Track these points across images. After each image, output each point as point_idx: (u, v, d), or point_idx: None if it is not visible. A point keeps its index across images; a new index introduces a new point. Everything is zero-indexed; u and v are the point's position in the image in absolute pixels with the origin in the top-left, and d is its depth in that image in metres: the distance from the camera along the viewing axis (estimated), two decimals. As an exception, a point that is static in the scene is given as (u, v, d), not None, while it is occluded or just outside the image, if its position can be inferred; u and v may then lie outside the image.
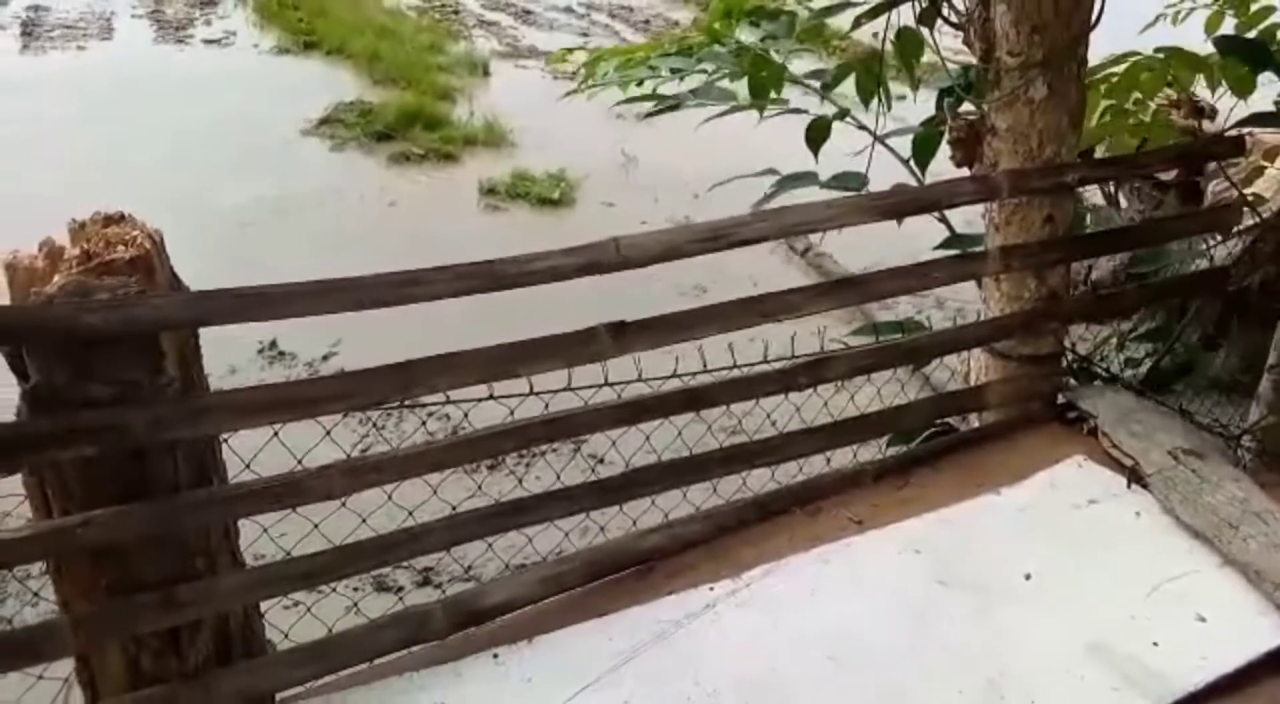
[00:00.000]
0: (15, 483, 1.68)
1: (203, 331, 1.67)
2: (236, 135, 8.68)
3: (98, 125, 8.71)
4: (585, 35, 12.40)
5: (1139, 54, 3.04)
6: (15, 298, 1.63)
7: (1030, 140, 2.39)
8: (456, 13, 13.88)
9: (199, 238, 6.36)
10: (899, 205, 2.23)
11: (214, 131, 8.68)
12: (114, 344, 1.55)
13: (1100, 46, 2.65)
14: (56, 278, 1.58)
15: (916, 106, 3.11)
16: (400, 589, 3.47)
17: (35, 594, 2.00)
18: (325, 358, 4.82)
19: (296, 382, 1.70)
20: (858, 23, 2.74)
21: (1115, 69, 3.06)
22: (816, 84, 3.05)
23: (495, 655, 1.85)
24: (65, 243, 1.69)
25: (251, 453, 1.98)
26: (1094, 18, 2.36)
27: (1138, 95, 3.11)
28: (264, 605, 1.91)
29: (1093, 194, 4.05)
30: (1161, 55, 2.97)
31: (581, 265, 1.87)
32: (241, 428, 1.67)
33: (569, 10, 14.48)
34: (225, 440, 1.78)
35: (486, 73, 11.39)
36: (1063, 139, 2.39)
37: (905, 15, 2.65)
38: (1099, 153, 3.10)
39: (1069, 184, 2.41)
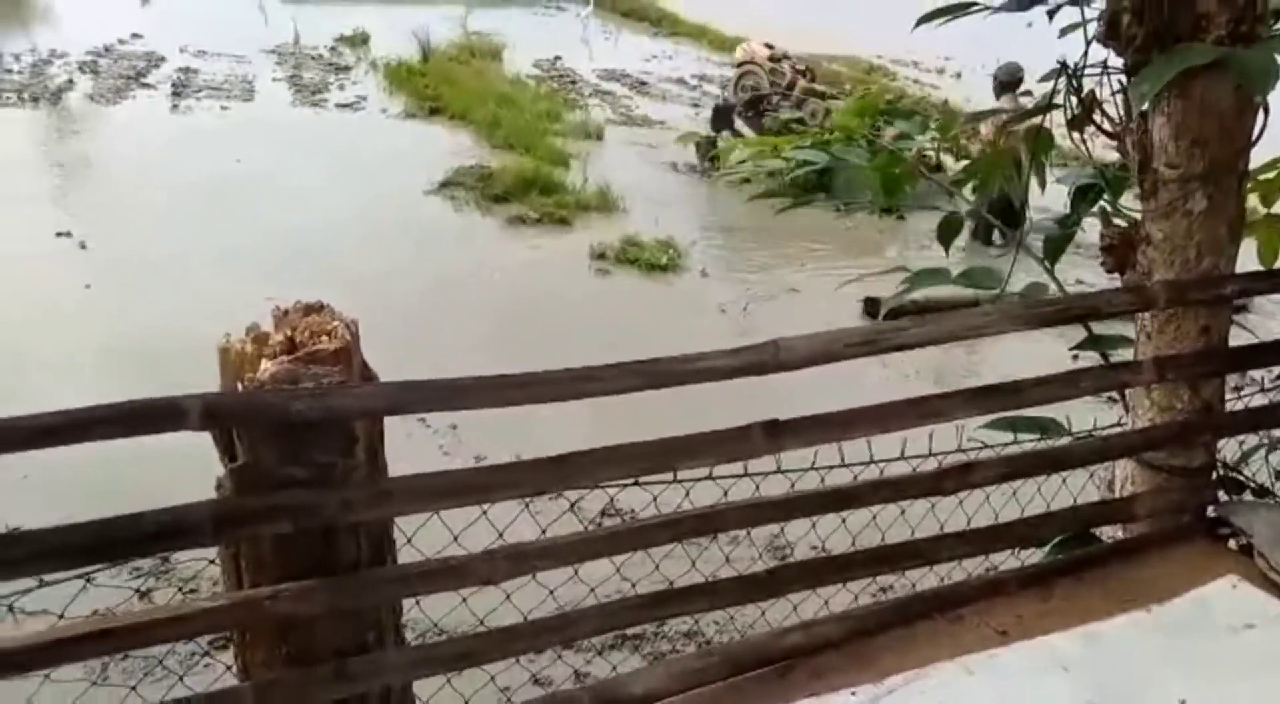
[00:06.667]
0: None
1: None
2: (364, 196, 9.13)
3: (242, 180, 9.26)
4: (696, 106, 12.69)
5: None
6: (225, 380, 1.77)
7: (1187, 251, 2.36)
8: (574, 83, 14.40)
9: (323, 295, 6.71)
10: (1056, 314, 2.23)
11: (343, 191, 9.15)
12: (314, 429, 1.66)
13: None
14: (265, 364, 1.71)
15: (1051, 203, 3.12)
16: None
17: (207, 654, 2.12)
18: (453, 428, 5.06)
19: (471, 469, 1.78)
20: (1003, 128, 2.77)
21: (1268, 175, 3.01)
22: (946, 182, 3.09)
23: (639, 746, 1.88)
24: (270, 328, 1.83)
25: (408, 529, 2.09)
26: (1258, 132, 2.34)
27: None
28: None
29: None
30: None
31: (742, 366, 1.93)
32: (420, 512, 1.76)
33: (681, 82, 14.86)
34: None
35: (600, 139, 11.74)
36: (1222, 250, 2.36)
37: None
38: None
39: (1227, 296, 2.38)
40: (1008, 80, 9.02)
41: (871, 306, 7.07)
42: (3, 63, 13.07)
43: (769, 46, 11.79)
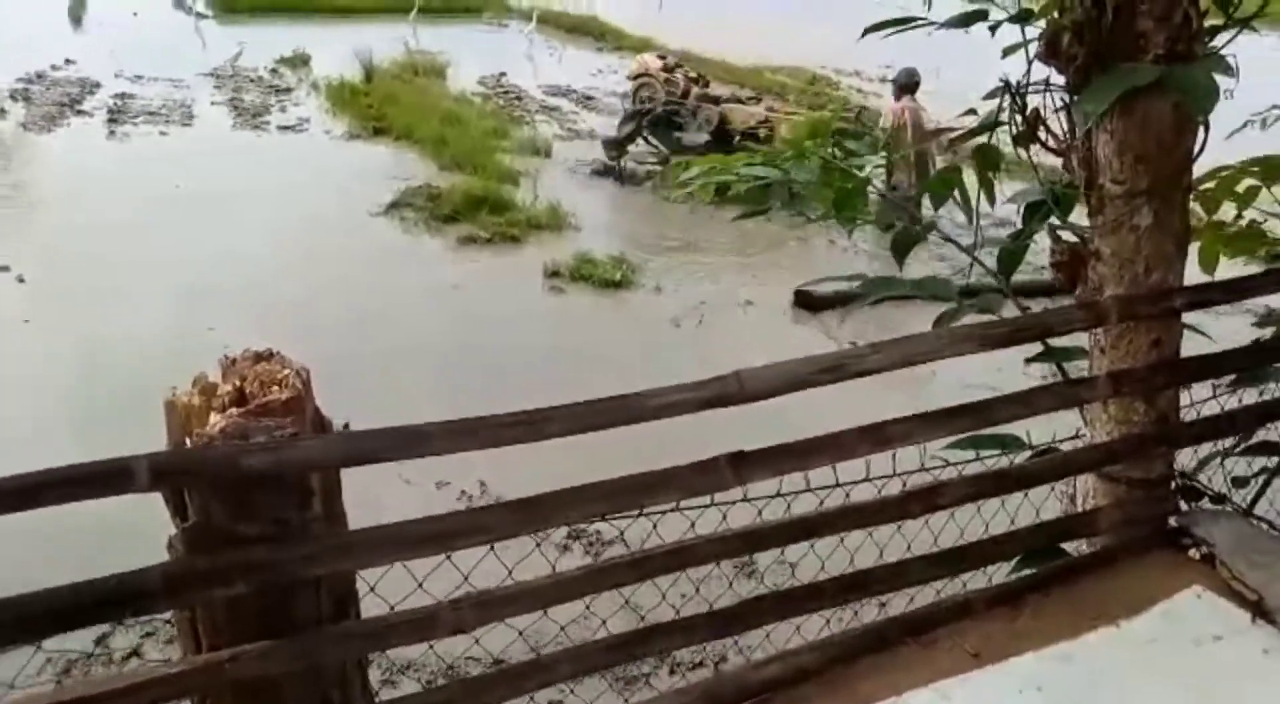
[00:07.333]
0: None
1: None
2: (309, 219, 8.99)
3: (182, 206, 9.06)
4: (644, 120, 12.65)
5: (1229, 167, 3.06)
6: (173, 435, 1.70)
7: (1136, 265, 2.40)
8: (520, 99, 14.34)
9: (270, 320, 6.62)
10: (1012, 334, 2.24)
11: (288, 216, 9.00)
12: (268, 484, 1.61)
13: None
14: (214, 418, 1.65)
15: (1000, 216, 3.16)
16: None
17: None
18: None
19: (435, 517, 1.74)
20: (952, 144, 2.79)
21: (1208, 185, 3.07)
22: (900, 198, 3.11)
23: (616, 791, 1.85)
24: (217, 377, 1.77)
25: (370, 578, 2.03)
26: (1198, 147, 2.38)
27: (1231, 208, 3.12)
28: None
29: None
30: (1256, 167, 2.98)
31: (706, 399, 1.91)
32: (383, 563, 1.71)
33: (627, 96, 14.86)
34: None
35: (548, 155, 11.69)
36: (1169, 264, 2.40)
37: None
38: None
39: (1176, 308, 2.41)
40: (906, 83, 9.70)
41: (801, 298, 7.56)
42: (-71, 93, 12.71)
43: (661, 58, 12.26)
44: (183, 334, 6.45)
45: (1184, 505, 2.61)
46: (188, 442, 1.65)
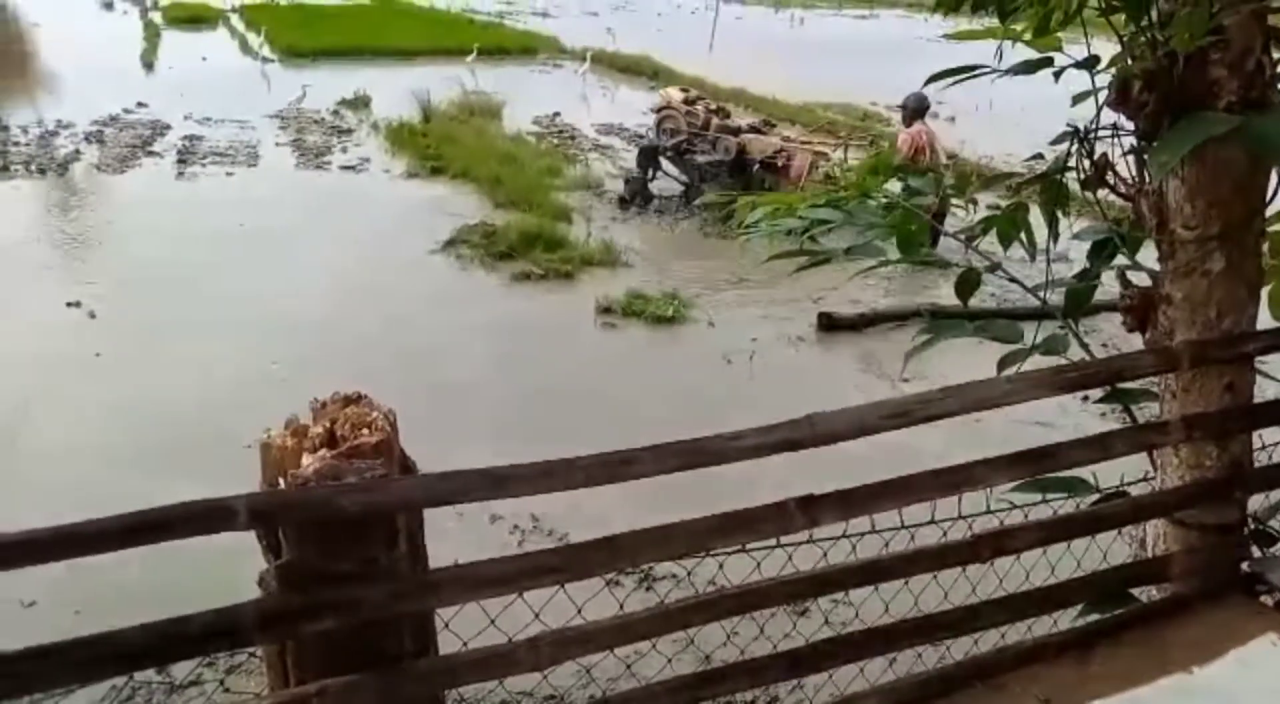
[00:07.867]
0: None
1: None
2: (369, 257, 9.19)
3: (247, 244, 9.32)
4: (694, 157, 12.78)
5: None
6: (267, 475, 1.78)
7: (1208, 310, 2.39)
8: (573, 138, 14.53)
9: (329, 355, 6.78)
10: (1081, 379, 2.25)
11: (348, 253, 9.21)
12: (358, 524, 1.67)
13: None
14: (307, 459, 1.73)
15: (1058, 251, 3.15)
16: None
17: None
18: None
19: (513, 557, 1.79)
20: (1018, 190, 2.81)
21: (1275, 227, 3.04)
22: (963, 238, 3.13)
23: None
24: (308, 420, 1.85)
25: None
26: (1272, 191, 2.38)
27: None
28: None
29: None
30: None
31: (779, 442, 1.94)
32: (466, 601, 1.76)
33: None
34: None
35: (601, 192, 11.83)
36: (1242, 309, 2.39)
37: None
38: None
39: (1250, 353, 2.39)
40: (917, 107, 10.16)
41: (824, 321, 8.10)
42: (10, 135, 13.23)
43: (684, 91, 12.67)
44: (245, 367, 6.63)
45: (1257, 551, 2.57)
46: (281, 481, 1.73)
